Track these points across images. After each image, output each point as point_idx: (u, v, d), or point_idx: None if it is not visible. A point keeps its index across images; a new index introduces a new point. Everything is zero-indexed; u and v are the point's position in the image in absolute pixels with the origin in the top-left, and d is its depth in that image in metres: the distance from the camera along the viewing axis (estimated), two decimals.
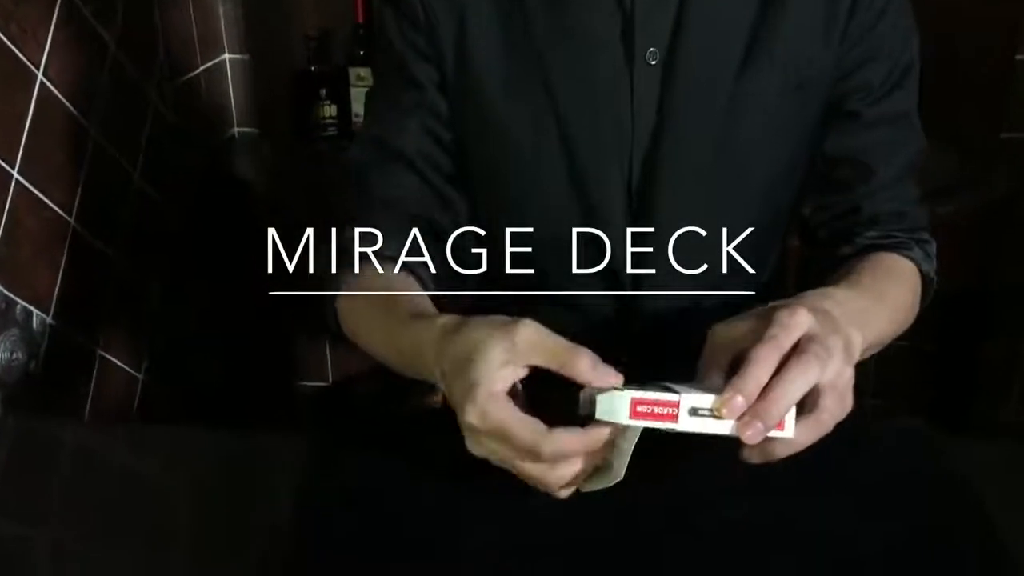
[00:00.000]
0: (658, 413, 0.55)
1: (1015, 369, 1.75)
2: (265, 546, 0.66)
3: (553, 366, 0.58)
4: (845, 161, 0.83)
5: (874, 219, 0.83)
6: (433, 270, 0.84)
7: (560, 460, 0.58)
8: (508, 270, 0.91)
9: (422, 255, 0.84)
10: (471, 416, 0.58)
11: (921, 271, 0.82)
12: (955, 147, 1.47)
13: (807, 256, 0.89)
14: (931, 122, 0.86)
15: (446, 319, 0.65)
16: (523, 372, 0.59)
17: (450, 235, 0.86)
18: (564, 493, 0.60)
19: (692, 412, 0.55)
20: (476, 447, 0.60)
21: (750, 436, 0.55)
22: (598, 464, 0.59)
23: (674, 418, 0.55)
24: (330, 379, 1.90)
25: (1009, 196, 1.58)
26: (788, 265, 0.95)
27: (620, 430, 0.57)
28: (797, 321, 0.58)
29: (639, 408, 0.55)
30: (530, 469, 0.58)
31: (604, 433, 0.57)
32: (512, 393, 0.59)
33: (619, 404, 0.55)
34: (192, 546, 0.68)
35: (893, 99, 0.82)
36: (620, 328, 0.86)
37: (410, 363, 0.69)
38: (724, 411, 0.55)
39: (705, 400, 0.55)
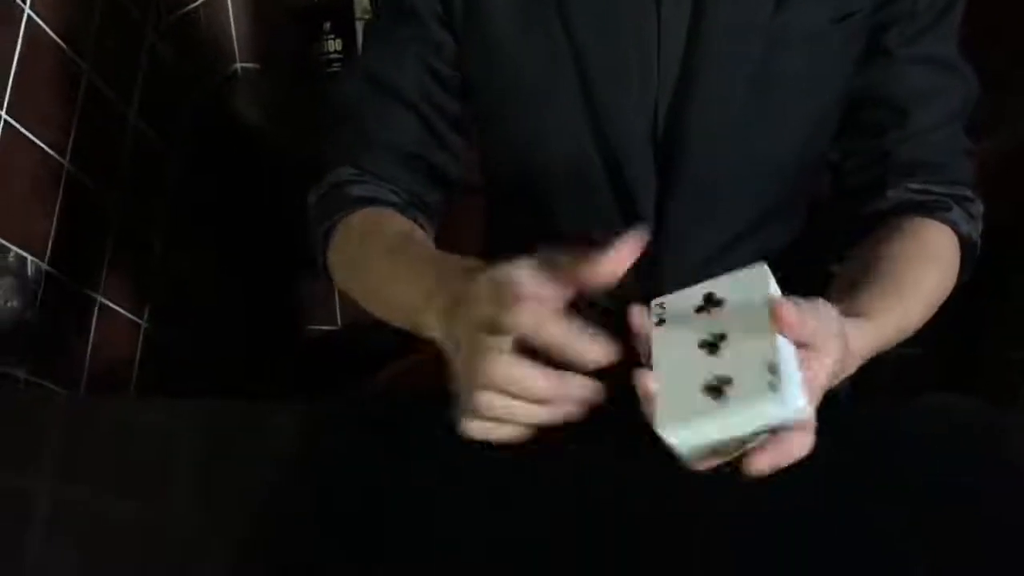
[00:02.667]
0: None
1: None
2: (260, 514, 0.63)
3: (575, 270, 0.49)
4: (877, 102, 0.77)
5: (908, 168, 0.76)
6: (432, 216, 0.80)
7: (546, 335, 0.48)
8: (521, 221, 0.86)
9: (420, 203, 0.80)
10: (484, 276, 0.50)
11: (960, 234, 0.75)
12: (991, 83, 1.41)
13: (835, 206, 0.83)
14: (966, 57, 0.79)
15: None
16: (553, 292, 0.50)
17: (451, 179, 0.81)
18: (475, 427, 0.50)
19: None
20: (466, 311, 0.50)
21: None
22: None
23: None
24: (339, 323, 1.87)
25: None
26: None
27: None
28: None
29: None
30: (493, 344, 0.48)
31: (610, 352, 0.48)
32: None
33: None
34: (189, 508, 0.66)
35: (930, 39, 0.76)
36: (642, 285, 0.81)
37: (422, 302, 0.58)
38: None
39: None
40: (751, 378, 0.48)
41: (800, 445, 0.49)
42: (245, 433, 0.71)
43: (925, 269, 0.70)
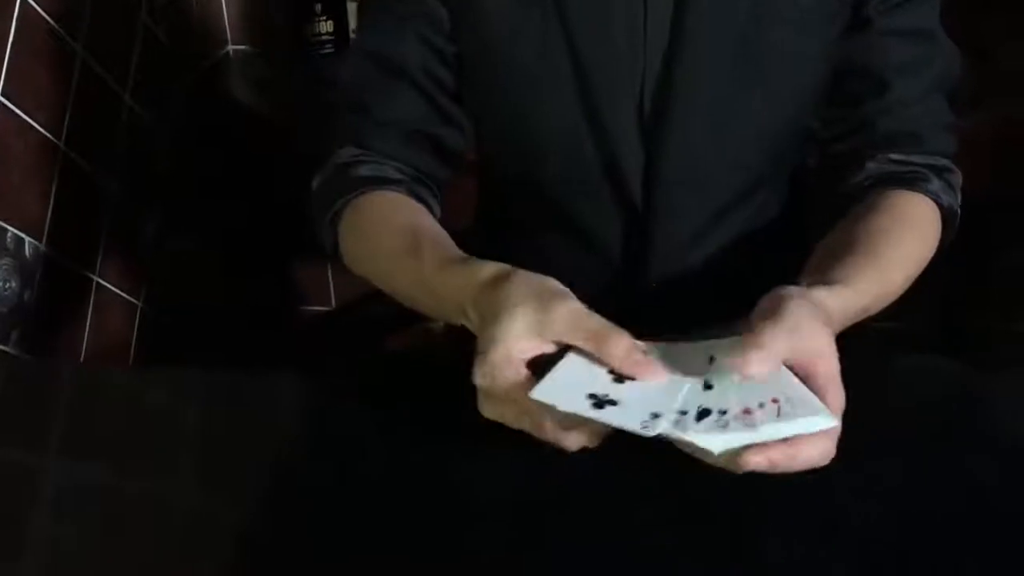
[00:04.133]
0: None
1: None
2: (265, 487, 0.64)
3: (588, 347, 0.56)
4: (857, 72, 0.77)
5: (888, 139, 0.77)
6: (437, 192, 0.81)
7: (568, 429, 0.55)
8: (513, 197, 0.87)
9: (426, 179, 0.81)
10: (480, 377, 0.56)
11: (942, 205, 0.76)
12: (978, 56, 1.41)
13: (817, 177, 0.84)
14: (954, 29, 0.79)
15: (490, 269, 0.62)
16: (550, 348, 0.56)
17: (456, 152, 0.82)
18: (574, 446, 0.57)
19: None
20: (486, 408, 0.57)
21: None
22: None
23: None
24: (333, 304, 1.88)
25: None
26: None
27: None
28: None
29: None
30: (543, 431, 0.56)
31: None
32: (536, 363, 0.56)
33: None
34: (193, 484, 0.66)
35: (912, 9, 0.76)
36: (632, 259, 0.82)
37: (438, 306, 0.67)
38: None
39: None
40: (766, 408, 0.52)
41: (823, 452, 0.52)
42: (253, 403, 0.71)
43: (902, 236, 0.71)
